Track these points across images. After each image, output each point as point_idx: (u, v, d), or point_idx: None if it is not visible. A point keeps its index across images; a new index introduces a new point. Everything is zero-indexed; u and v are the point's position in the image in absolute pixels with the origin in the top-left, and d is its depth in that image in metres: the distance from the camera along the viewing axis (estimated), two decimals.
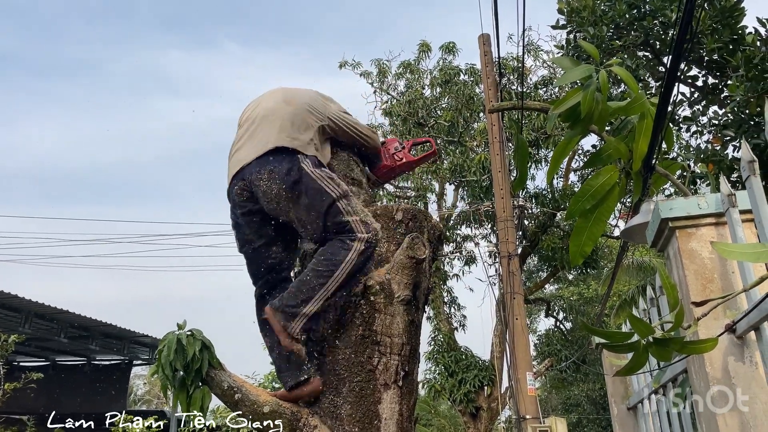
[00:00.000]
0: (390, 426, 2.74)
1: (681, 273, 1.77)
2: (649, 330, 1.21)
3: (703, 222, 1.80)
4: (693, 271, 1.74)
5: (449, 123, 12.29)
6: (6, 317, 12.26)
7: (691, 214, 1.79)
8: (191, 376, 2.76)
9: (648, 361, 2.57)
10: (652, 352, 1.24)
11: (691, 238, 1.78)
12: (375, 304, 2.79)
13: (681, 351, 1.23)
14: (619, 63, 2.01)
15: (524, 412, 6.80)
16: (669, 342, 1.22)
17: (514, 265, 7.31)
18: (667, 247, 1.90)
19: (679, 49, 1.62)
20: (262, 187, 2.66)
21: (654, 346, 1.23)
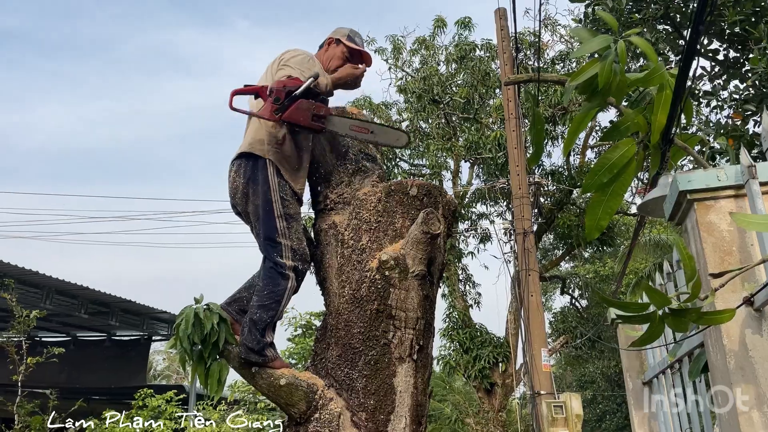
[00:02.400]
0: (405, 398, 2.77)
1: (699, 246, 1.75)
2: (666, 301, 1.20)
3: (722, 194, 1.78)
4: (711, 243, 1.72)
5: (465, 100, 12.17)
6: (27, 293, 12.46)
7: (709, 186, 1.77)
8: (209, 350, 2.81)
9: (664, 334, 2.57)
10: (669, 323, 1.23)
11: (709, 211, 1.76)
12: (390, 278, 2.80)
13: (698, 322, 1.23)
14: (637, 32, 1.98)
15: (539, 387, 6.83)
16: (685, 313, 1.22)
17: (530, 243, 7.28)
18: (684, 220, 1.88)
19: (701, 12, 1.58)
20: (232, 183, 2.95)
21: (670, 316, 1.22)
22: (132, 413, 10.96)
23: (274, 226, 2.81)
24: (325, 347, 2.90)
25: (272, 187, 2.83)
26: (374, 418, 2.70)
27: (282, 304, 2.80)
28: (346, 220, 3.00)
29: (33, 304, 11.87)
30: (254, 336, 2.73)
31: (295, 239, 2.84)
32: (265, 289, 2.79)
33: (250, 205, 2.88)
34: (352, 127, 2.94)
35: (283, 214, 2.83)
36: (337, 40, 3.24)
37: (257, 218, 2.86)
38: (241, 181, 2.89)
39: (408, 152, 13.37)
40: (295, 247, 2.84)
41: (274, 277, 2.79)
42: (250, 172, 2.87)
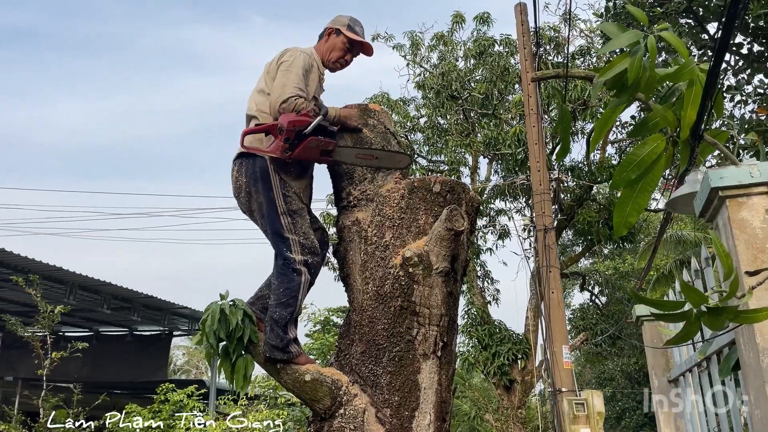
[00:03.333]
0: (429, 395, 2.78)
1: (731, 243, 1.73)
2: (703, 299, 1.19)
3: (754, 191, 1.75)
4: (743, 240, 1.70)
5: (483, 95, 12.12)
6: (51, 289, 12.67)
7: (742, 183, 1.75)
8: (234, 345, 2.83)
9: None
10: (704, 322, 1.22)
11: (741, 208, 1.73)
12: (413, 275, 2.80)
13: (734, 320, 1.21)
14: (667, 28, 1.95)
15: (560, 385, 6.79)
16: (722, 311, 1.20)
17: (551, 239, 7.24)
18: (716, 217, 1.86)
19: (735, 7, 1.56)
20: (235, 181, 2.98)
21: (706, 315, 1.21)
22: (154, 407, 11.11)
23: (279, 222, 2.84)
24: (349, 343, 2.91)
25: (273, 185, 2.86)
26: (399, 415, 2.71)
27: (298, 299, 2.83)
28: (369, 216, 3.00)
29: (57, 299, 12.08)
30: (277, 333, 2.76)
31: (301, 234, 2.87)
32: (280, 287, 2.82)
33: (253, 203, 2.91)
34: (358, 156, 3.00)
35: (286, 210, 2.86)
36: (337, 30, 3.19)
37: (262, 216, 2.89)
38: (244, 180, 2.92)
39: (426, 148, 13.35)
40: (302, 241, 2.86)
41: (287, 274, 2.82)
42: (251, 170, 2.90)
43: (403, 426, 2.70)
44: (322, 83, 3.23)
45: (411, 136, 13.47)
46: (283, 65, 2.98)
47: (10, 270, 11.77)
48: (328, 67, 3.23)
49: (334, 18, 3.27)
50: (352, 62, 3.27)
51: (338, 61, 3.21)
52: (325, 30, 3.25)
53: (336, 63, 3.21)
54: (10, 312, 12.59)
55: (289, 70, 2.94)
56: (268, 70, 3.08)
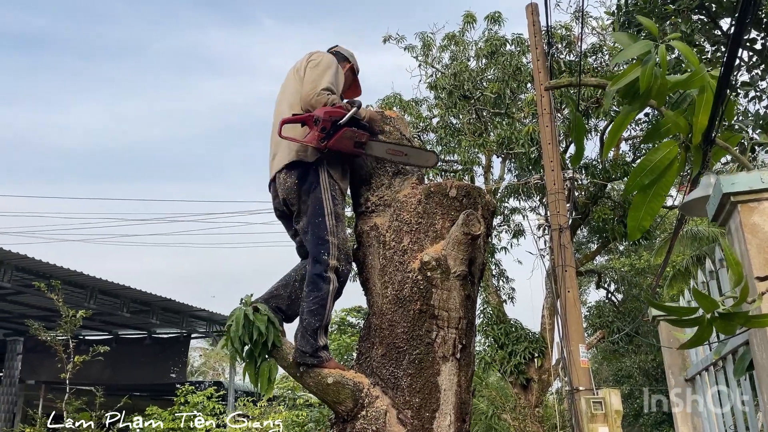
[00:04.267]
0: (449, 396, 2.84)
1: (743, 247, 1.78)
2: (714, 305, 1.24)
3: (765, 196, 1.80)
4: (755, 245, 1.75)
5: (496, 95, 12.13)
6: (72, 293, 12.87)
7: (753, 189, 1.79)
8: (258, 350, 2.91)
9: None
10: (716, 326, 1.27)
11: (753, 212, 1.78)
12: (432, 279, 2.87)
13: (746, 325, 1.26)
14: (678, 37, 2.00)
15: (577, 383, 6.82)
16: (733, 316, 1.26)
17: (566, 238, 7.26)
18: (728, 222, 1.91)
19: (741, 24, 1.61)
20: (283, 184, 3.04)
21: (718, 320, 1.26)
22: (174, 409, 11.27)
23: (325, 223, 2.92)
24: (370, 346, 2.98)
25: (323, 186, 2.95)
26: (420, 416, 2.78)
27: (327, 308, 2.90)
28: (387, 222, 3.07)
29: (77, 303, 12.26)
30: (307, 340, 2.84)
31: (341, 238, 2.96)
32: (310, 295, 2.90)
33: (302, 204, 2.98)
34: (389, 151, 3.08)
35: (333, 211, 2.94)
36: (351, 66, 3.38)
37: (308, 216, 2.95)
38: (293, 181, 2.99)
39: (440, 148, 13.39)
40: (340, 246, 2.94)
41: (316, 283, 2.90)
42: (302, 172, 2.98)
43: (424, 427, 2.77)
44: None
45: (424, 137, 13.50)
46: (312, 63, 3.11)
47: (32, 276, 11.98)
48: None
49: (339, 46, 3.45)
50: None
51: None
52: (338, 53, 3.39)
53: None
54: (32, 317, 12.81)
55: (319, 66, 3.08)
56: (297, 69, 3.18)
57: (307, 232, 2.97)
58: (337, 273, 2.93)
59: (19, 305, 14.56)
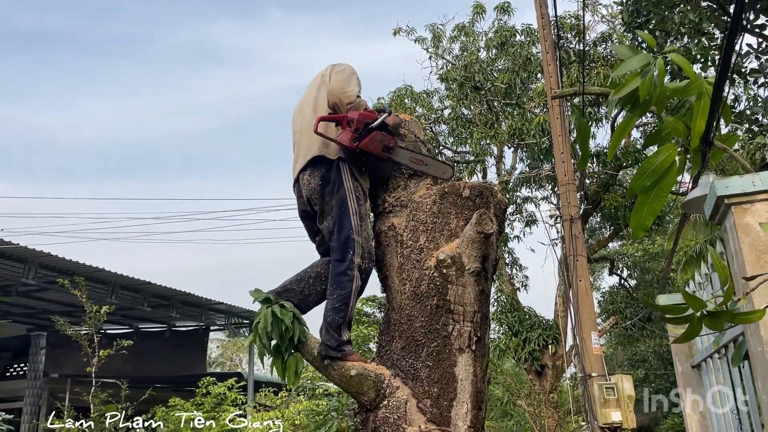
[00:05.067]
0: (466, 386, 3.01)
1: (737, 246, 1.92)
2: (702, 304, 1.39)
3: (758, 198, 1.93)
4: (748, 243, 1.89)
5: (506, 85, 12.21)
6: (94, 289, 13.17)
7: (746, 191, 1.93)
8: (285, 344, 3.09)
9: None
10: (706, 323, 1.42)
11: (746, 213, 1.92)
12: (447, 276, 3.03)
13: (732, 322, 1.41)
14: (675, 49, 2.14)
15: (590, 370, 6.97)
16: (721, 314, 1.41)
17: (577, 229, 7.39)
18: (724, 222, 2.05)
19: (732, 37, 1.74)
20: (307, 185, 3.18)
21: (707, 318, 1.41)
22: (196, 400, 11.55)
23: (350, 223, 3.07)
24: (390, 340, 3.15)
25: (347, 187, 3.10)
26: (438, 405, 2.95)
27: (350, 305, 3.07)
28: (404, 221, 3.23)
29: (100, 299, 12.57)
30: (332, 335, 3.01)
31: (365, 237, 3.12)
32: (333, 293, 3.07)
33: (326, 205, 3.14)
34: (412, 159, 3.25)
35: (357, 211, 3.10)
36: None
37: (334, 215, 3.11)
38: (317, 182, 3.14)
39: (452, 139, 13.51)
40: (364, 245, 3.11)
41: (341, 281, 3.06)
42: (325, 173, 3.13)
43: (442, 415, 2.94)
44: None
45: (436, 128, 13.63)
46: (337, 69, 3.28)
47: (55, 273, 12.28)
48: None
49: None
50: None
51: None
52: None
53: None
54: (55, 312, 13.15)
55: (344, 72, 3.26)
56: (323, 75, 3.33)
57: (333, 232, 3.11)
58: (360, 271, 3.09)
59: (42, 301, 14.92)
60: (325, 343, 3.04)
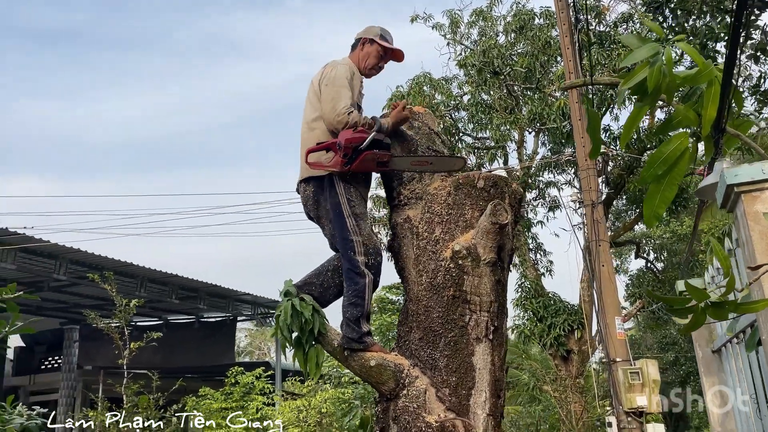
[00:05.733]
0: (484, 375, 3.05)
1: (747, 233, 1.93)
2: (705, 296, 1.41)
3: (767, 186, 1.93)
4: (758, 231, 1.89)
5: (526, 69, 12.10)
6: (123, 283, 13.47)
7: (755, 179, 1.93)
8: (306, 336, 3.16)
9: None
10: (710, 314, 1.44)
11: (755, 201, 1.92)
12: (463, 267, 3.06)
13: (735, 312, 1.43)
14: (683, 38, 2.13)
15: (614, 355, 6.95)
16: (724, 304, 1.42)
17: (598, 214, 7.34)
18: (734, 209, 2.05)
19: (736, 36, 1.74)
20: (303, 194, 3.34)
21: (710, 308, 1.43)
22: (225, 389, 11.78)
23: (346, 225, 3.15)
24: (408, 330, 3.20)
25: (339, 192, 3.18)
26: (457, 393, 3.00)
27: (365, 299, 3.14)
28: (419, 213, 3.27)
29: (129, 292, 12.84)
30: (352, 329, 3.09)
31: (365, 235, 3.18)
32: (348, 289, 3.15)
33: (321, 210, 3.25)
34: (413, 163, 3.26)
35: (351, 213, 3.17)
36: (371, 40, 3.49)
37: (329, 220, 3.22)
38: (312, 191, 3.27)
39: (471, 126, 13.44)
40: (365, 242, 3.17)
41: (352, 278, 3.14)
42: (319, 183, 3.24)
43: (461, 403, 2.99)
44: (361, 89, 3.51)
45: (455, 114, 13.57)
46: (325, 80, 3.30)
47: (85, 268, 12.58)
48: (363, 74, 3.52)
49: (365, 29, 3.56)
50: (384, 68, 3.56)
51: (374, 68, 3.52)
52: (358, 40, 3.53)
53: (372, 70, 3.52)
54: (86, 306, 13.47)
55: (334, 83, 3.27)
56: (317, 82, 3.37)
57: (334, 235, 3.22)
58: (368, 266, 3.16)
59: (74, 296, 15.29)
60: (346, 336, 3.11)
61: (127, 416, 9.05)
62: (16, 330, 3.39)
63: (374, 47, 3.48)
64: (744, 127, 2.40)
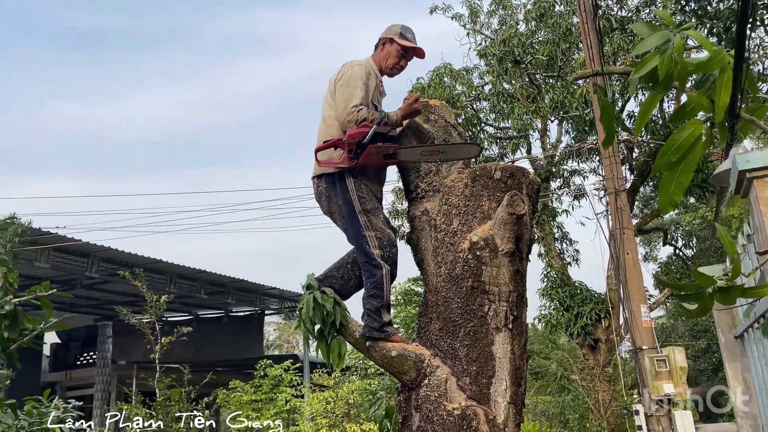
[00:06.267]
0: (504, 364, 3.09)
1: (760, 219, 1.93)
2: (711, 281, 1.43)
3: None
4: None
5: (547, 57, 12.00)
6: (153, 279, 13.76)
7: (767, 165, 1.94)
8: (328, 328, 3.23)
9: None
10: (717, 299, 1.46)
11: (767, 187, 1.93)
12: (481, 257, 3.10)
13: (742, 296, 1.45)
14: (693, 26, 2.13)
15: (640, 343, 6.91)
16: (731, 289, 1.45)
17: (622, 201, 7.28)
18: (748, 195, 2.06)
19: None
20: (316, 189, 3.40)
21: (718, 293, 1.45)
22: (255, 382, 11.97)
23: (358, 221, 3.21)
24: (428, 321, 3.25)
25: (349, 188, 3.23)
26: (477, 382, 3.04)
27: (384, 290, 3.19)
28: (437, 206, 3.30)
29: (159, 288, 13.11)
30: (374, 319, 3.16)
31: (377, 229, 3.23)
32: (367, 282, 3.21)
33: (333, 206, 3.32)
34: (423, 153, 3.28)
35: (362, 210, 3.23)
36: (391, 39, 3.52)
37: (342, 216, 3.29)
38: (324, 187, 3.34)
39: (493, 116, 13.39)
40: (379, 236, 3.22)
41: (369, 270, 3.20)
42: (330, 178, 3.30)
43: (482, 392, 3.03)
44: (380, 89, 3.54)
45: (476, 105, 13.52)
46: (340, 82, 3.37)
47: (116, 265, 12.86)
48: (385, 74, 3.57)
49: (387, 28, 3.59)
50: (407, 66, 3.59)
51: (395, 67, 3.55)
52: (379, 40, 3.57)
53: (393, 69, 3.55)
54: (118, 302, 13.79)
55: (348, 84, 3.33)
56: (331, 89, 3.44)
57: (348, 230, 3.28)
58: (383, 259, 3.21)
59: (106, 293, 15.65)
60: (368, 326, 3.18)
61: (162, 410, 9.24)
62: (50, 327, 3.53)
63: (394, 46, 3.52)
64: (760, 112, 2.39)
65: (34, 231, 11.79)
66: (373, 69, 3.45)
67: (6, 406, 2.94)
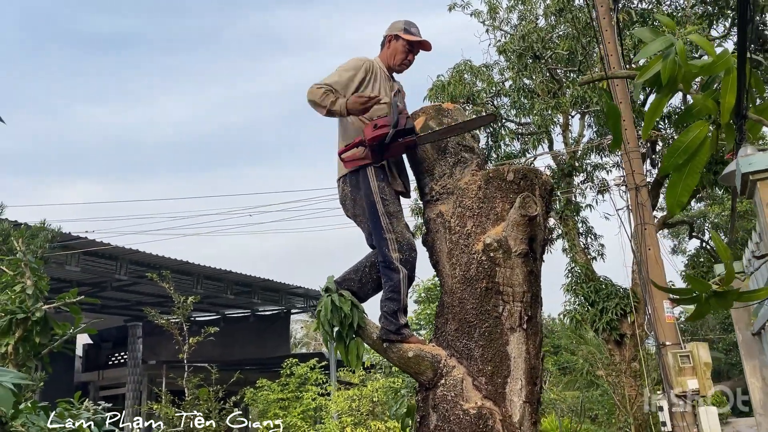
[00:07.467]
0: (519, 363, 3.13)
1: (764, 221, 1.96)
2: (707, 287, 1.47)
3: None
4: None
5: (567, 52, 11.93)
6: (181, 281, 14.03)
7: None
8: (346, 330, 3.31)
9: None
10: (713, 304, 1.50)
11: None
12: (495, 259, 3.14)
13: (738, 300, 1.49)
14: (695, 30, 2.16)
15: (664, 339, 6.86)
16: (726, 294, 1.48)
17: (642, 197, 7.23)
18: (753, 196, 2.08)
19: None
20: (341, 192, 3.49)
21: (714, 298, 1.49)
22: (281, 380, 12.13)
23: (380, 223, 3.28)
24: (444, 322, 3.31)
25: (374, 191, 3.31)
26: (493, 382, 3.09)
27: (401, 293, 3.27)
28: (451, 208, 3.36)
29: (186, 289, 13.36)
30: (390, 321, 3.24)
31: (398, 232, 3.30)
32: (385, 285, 3.29)
33: (357, 208, 3.40)
34: (441, 133, 3.36)
35: (385, 212, 3.30)
36: (396, 36, 3.59)
37: (365, 218, 3.36)
38: (348, 189, 3.42)
39: (514, 112, 13.34)
40: (399, 239, 3.29)
41: (388, 273, 3.28)
42: (354, 180, 3.38)
43: (497, 392, 3.08)
44: (391, 86, 3.60)
45: (497, 101, 13.49)
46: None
47: (144, 267, 13.13)
48: (395, 70, 3.63)
49: (389, 26, 3.67)
50: (414, 60, 3.65)
51: (403, 63, 3.63)
52: (384, 38, 3.65)
53: (401, 65, 3.64)
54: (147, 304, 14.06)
55: (335, 69, 3.45)
56: None
57: (370, 233, 3.36)
58: (401, 262, 3.28)
59: (135, 294, 15.96)
60: (385, 328, 3.25)
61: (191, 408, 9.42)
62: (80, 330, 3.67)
63: (400, 42, 3.58)
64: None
65: (64, 236, 12.08)
66: (376, 66, 3.53)
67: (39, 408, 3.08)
